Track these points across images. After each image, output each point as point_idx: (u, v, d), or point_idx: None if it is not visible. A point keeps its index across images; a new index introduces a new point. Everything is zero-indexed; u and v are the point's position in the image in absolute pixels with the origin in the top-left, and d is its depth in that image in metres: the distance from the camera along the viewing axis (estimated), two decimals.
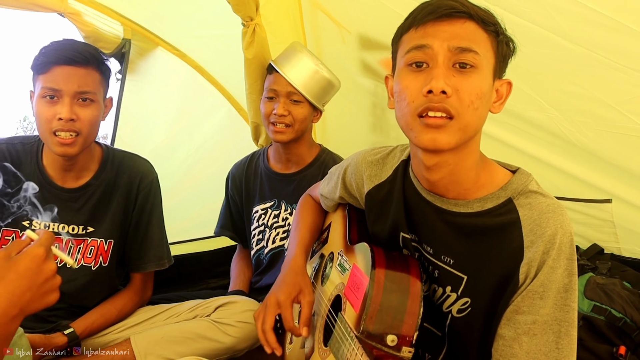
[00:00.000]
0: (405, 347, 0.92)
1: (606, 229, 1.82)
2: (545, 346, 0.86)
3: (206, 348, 1.46)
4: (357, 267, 1.08)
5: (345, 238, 1.26)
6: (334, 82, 1.87)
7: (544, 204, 0.91)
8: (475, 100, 0.88)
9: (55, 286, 0.82)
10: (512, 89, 0.98)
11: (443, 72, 0.88)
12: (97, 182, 1.51)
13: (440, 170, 0.96)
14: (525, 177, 0.97)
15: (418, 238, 1.07)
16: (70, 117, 1.31)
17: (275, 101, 1.80)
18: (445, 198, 0.99)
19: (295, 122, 1.79)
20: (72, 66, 1.32)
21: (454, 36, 0.89)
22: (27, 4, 1.95)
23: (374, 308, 0.95)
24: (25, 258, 0.79)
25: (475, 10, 0.91)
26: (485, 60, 0.90)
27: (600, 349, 1.54)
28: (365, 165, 1.19)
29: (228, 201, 2.05)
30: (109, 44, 2.29)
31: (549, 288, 0.87)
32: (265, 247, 1.91)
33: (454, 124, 0.88)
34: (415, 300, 0.95)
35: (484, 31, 0.91)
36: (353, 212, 1.31)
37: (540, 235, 0.88)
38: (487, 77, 0.91)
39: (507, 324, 0.90)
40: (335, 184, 1.31)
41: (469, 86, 0.88)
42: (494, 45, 0.92)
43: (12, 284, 0.77)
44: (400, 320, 0.93)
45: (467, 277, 0.97)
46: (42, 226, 1.44)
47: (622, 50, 1.41)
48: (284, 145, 1.86)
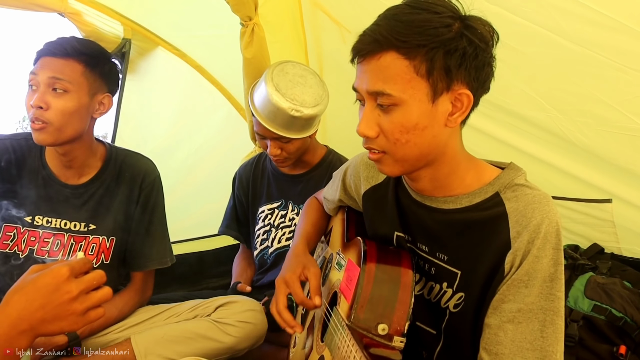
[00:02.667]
0: (397, 336, 0.92)
1: (606, 229, 1.82)
2: (530, 334, 0.87)
3: (206, 348, 1.45)
4: (351, 261, 1.09)
5: (343, 237, 1.27)
6: (319, 108, 1.74)
7: (530, 195, 0.92)
8: (401, 136, 0.91)
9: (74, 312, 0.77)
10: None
11: (366, 114, 0.93)
12: (100, 180, 1.51)
13: (420, 181, 1.01)
14: (514, 171, 0.98)
15: (412, 238, 1.08)
16: (38, 104, 1.30)
17: (267, 140, 1.79)
18: (434, 197, 1.02)
19: (291, 155, 1.80)
20: (51, 57, 1.34)
21: (369, 78, 0.91)
22: (27, 4, 1.95)
23: (364, 297, 0.95)
24: (48, 275, 0.77)
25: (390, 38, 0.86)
26: (406, 94, 0.88)
27: (600, 348, 1.54)
28: (363, 167, 1.21)
29: (234, 201, 2.05)
30: (109, 43, 2.28)
31: (534, 277, 0.88)
32: (270, 246, 1.92)
33: (388, 158, 0.95)
34: (406, 290, 0.96)
35: (404, 58, 0.86)
36: (351, 214, 1.33)
37: (526, 226, 0.89)
38: (414, 108, 0.88)
39: (493, 313, 0.91)
40: (336, 186, 1.33)
41: (391, 125, 0.91)
42: (423, 68, 0.86)
43: (27, 296, 0.75)
44: (392, 309, 0.94)
45: (460, 272, 0.98)
46: (45, 222, 1.44)
47: (622, 50, 1.41)
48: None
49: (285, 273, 1.15)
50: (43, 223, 1.45)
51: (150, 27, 2.27)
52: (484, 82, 0.92)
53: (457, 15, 0.89)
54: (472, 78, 0.89)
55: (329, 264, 1.29)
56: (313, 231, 1.39)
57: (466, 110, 0.91)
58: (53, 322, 0.76)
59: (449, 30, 0.86)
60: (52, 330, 0.76)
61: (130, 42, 2.32)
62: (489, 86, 0.96)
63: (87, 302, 0.79)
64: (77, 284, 0.78)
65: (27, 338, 0.74)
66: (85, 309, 0.79)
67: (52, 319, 0.76)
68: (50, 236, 1.45)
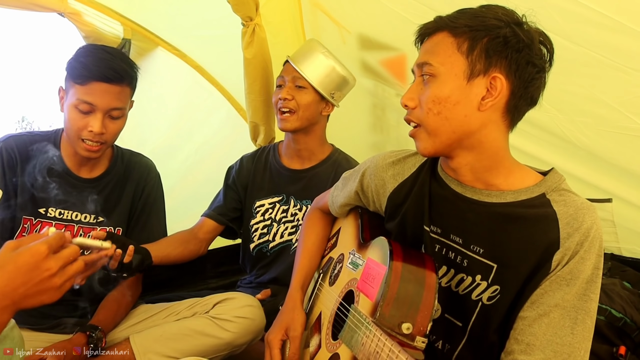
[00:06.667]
0: (419, 336, 0.94)
1: (606, 229, 1.82)
2: (561, 330, 0.92)
3: (205, 344, 1.46)
4: (373, 259, 1.10)
5: (357, 238, 1.27)
6: (343, 74, 1.87)
7: (579, 202, 0.97)
8: (433, 106, 0.98)
9: (54, 286, 0.82)
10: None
11: (411, 87, 1.03)
12: (110, 176, 1.61)
13: (461, 169, 1.05)
14: (558, 176, 1.02)
15: (443, 230, 1.09)
16: (101, 131, 1.43)
17: (283, 88, 1.84)
18: (476, 189, 1.04)
19: (300, 108, 1.81)
20: (108, 83, 1.41)
21: (421, 54, 1.03)
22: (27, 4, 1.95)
23: (391, 295, 0.97)
24: (27, 253, 0.80)
25: (446, 20, 0.99)
26: (444, 67, 0.97)
27: (600, 349, 1.54)
28: (386, 167, 1.22)
29: (227, 186, 1.99)
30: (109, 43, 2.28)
31: (576, 277, 0.92)
32: (270, 241, 1.91)
33: (422, 131, 1.02)
34: (430, 291, 0.97)
35: (452, 36, 0.97)
36: (365, 215, 1.33)
37: (577, 228, 0.93)
38: (448, 81, 0.97)
39: (531, 307, 0.95)
40: (350, 188, 1.32)
41: (427, 95, 0.99)
42: (465, 46, 0.95)
43: (8, 275, 0.78)
44: (416, 309, 0.96)
45: (497, 266, 1.00)
46: (57, 213, 1.52)
47: (622, 50, 1.41)
48: (292, 136, 1.87)
49: (269, 334, 1.26)
50: (55, 215, 1.52)
51: (150, 27, 2.27)
52: (527, 83, 0.96)
53: (513, 18, 0.96)
54: (513, 72, 0.95)
55: (339, 264, 1.29)
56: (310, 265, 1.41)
57: (498, 97, 0.95)
58: (34, 297, 0.81)
59: (498, 21, 0.95)
60: (32, 303, 0.81)
61: (130, 42, 2.32)
62: (535, 96, 1.00)
63: (65, 276, 0.84)
64: (55, 261, 0.82)
65: (8, 313, 0.79)
66: (64, 282, 0.83)
67: (34, 294, 0.80)
68: (61, 227, 1.52)
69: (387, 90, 2.22)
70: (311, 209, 1.54)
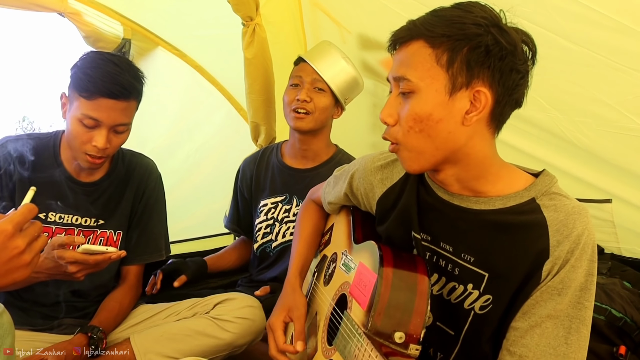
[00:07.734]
0: (413, 344, 0.92)
1: (606, 229, 1.82)
2: (554, 340, 0.90)
3: (205, 345, 1.46)
4: (364, 265, 1.08)
5: (349, 238, 1.26)
6: (359, 80, 1.90)
7: (569, 206, 0.93)
8: (414, 124, 0.92)
9: (24, 263, 0.82)
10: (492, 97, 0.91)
11: (389, 101, 0.97)
12: (110, 179, 1.58)
13: (446, 179, 1.01)
14: (549, 179, 0.98)
15: (432, 237, 1.07)
16: (105, 147, 1.40)
17: (299, 88, 1.83)
18: (464, 196, 1.01)
19: (316, 110, 1.81)
20: (115, 100, 1.37)
21: (396, 65, 0.95)
22: (27, 4, 1.96)
23: (382, 305, 0.95)
24: None
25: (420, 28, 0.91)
26: (424, 82, 0.90)
27: (600, 348, 1.54)
28: (375, 171, 1.19)
29: (236, 195, 2.06)
30: (109, 43, 2.29)
31: (568, 286, 0.89)
32: (273, 240, 1.92)
33: (403, 149, 0.97)
34: (422, 298, 0.95)
35: (429, 47, 0.90)
36: (357, 213, 1.31)
37: (567, 236, 0.90)
38: (429, 98, 0.90)
39: (522, 317, 0.92)
40: (340, 187, 1.31)
41: (406, 112, 0.93)
42: (444, 58, 0.88)
43: None
44: (408, 317, 0.94)
45: (488, 275, 0.97)
46: (57, 218, 1.50)
47: (622, 50, 1.41)
48: (302, 136, 1.87)
49: (272, 317, 1.21)
50: (55, 219, 1.50)
51: (150, 27, 2.27)
52: (511, 90, 0.91)
53: (492, 20, 0.89)
54: (496, 81, 0.89)
55: (332, 264, 1.28)
56: (307, 252, 1.39)
57: (483, 110, 0.90)
58: (5, 275, 0.81)
59: (477, 27, 0.87)
60: (4, 283, 0.81)
61: (130, 42, 2.33)
62: (519, 100, 0.95)
63: (33, 252, 0.84)
64: (22, 239, 0.82)
65: None
66: (32, 258, 0.84)
67: (5, 273, 0.81)
68: (61, 231, 1.50)
69: (387, 90, 2.21)
70: (306, 201, 1.52)
